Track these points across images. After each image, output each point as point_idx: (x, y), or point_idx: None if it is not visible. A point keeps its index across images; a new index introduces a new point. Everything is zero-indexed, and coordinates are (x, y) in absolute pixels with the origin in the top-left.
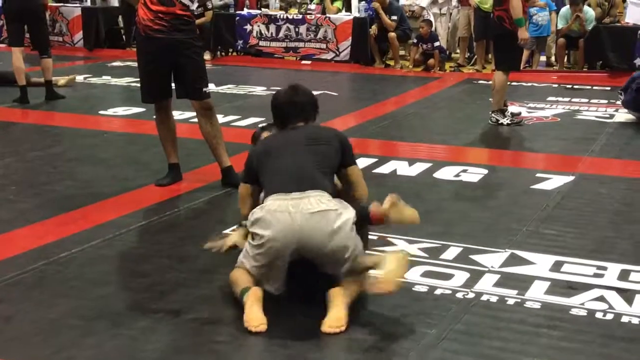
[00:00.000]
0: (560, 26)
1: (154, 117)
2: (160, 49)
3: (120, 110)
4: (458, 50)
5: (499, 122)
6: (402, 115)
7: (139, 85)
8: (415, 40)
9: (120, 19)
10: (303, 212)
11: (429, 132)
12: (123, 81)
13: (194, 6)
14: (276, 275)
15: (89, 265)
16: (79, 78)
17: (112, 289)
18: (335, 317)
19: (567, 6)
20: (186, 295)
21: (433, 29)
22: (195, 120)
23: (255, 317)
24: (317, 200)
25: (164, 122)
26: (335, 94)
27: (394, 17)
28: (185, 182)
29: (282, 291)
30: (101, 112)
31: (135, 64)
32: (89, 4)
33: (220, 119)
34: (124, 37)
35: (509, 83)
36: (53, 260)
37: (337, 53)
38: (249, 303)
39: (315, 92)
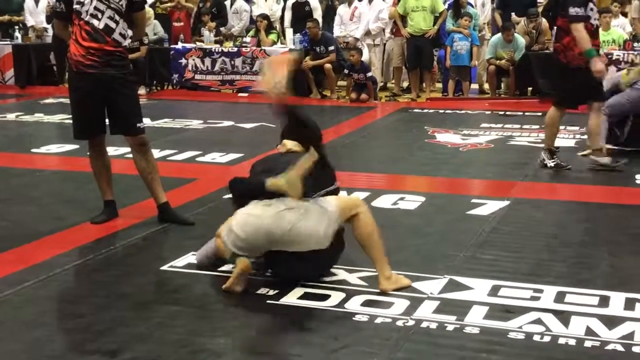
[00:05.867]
0: (488, 55)
1: (88, 153)
2: (92, 84)
3: (54, 148)
4: (393, 80)
5: (544, 162)
6: (340, 145)
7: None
8: (346, 71)
9: (52, 55)
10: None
11: (367, 161)
12: (56, 118)
13: (127, 42)
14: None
15: (23, 307)
16: (11, 116)
17: (47, 330)
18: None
19: (498, 34)
20: (123, 335)
21: (367, 58)
22: (131, 155)
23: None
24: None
25: (98, 158)
26: (272, 125)
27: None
28: (121, 219)
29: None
30: (34, 150)
31: (68, 101)
32: (19, 41)
33: (157, 153)
34: (56, 73)
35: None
36: None
37: None
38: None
39: (253, 125)
